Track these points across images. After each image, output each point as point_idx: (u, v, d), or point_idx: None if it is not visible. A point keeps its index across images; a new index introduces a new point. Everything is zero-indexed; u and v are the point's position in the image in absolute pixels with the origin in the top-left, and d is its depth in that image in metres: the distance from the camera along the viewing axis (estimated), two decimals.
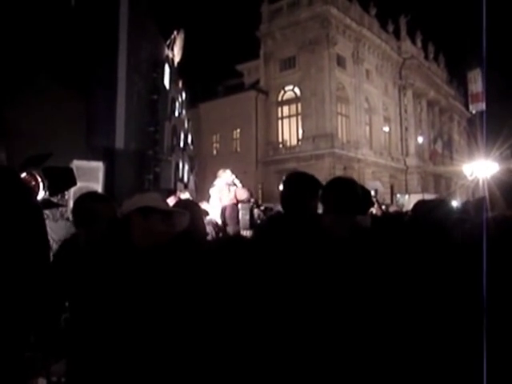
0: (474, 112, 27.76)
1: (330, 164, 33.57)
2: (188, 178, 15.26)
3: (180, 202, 3.07)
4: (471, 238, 2.22)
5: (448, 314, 2.09)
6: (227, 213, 4.14)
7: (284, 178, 2.71)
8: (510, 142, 22.72)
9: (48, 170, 3.38)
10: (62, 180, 3.63)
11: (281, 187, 2.66)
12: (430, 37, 49.36)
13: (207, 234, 2.87)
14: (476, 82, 24.52)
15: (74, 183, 3.82)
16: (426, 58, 48.63)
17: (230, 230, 4.42)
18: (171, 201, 4.16)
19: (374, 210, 4.72)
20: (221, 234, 5.07)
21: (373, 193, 5.36)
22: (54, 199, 4.39)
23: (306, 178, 2.63)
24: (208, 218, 4.66)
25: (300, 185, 2.58)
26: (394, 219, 3.20)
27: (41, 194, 3.34)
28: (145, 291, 1.94)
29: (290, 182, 2.64)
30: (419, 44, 47.11)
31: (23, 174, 3.42)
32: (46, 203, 3.67)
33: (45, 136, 6.77)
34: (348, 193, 2.34)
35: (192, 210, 2.61)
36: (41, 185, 3.31)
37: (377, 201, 5.58)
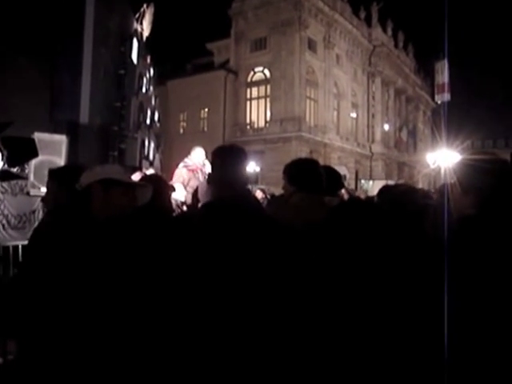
0: (439, 102, 28.28)
1: (296, 147, 33.74)
2: (154, 156, 15.11)
3: (145, 176, 3.05)
4: (435, 228, 2.26)
5: (407, 309, 2.10)
6: (200, 190, 4.10)
7: (216, 150, 2.35)
8: (472, 132, 23.36)
9: (8, 140, 3.26)
10: (22, 151, 3.50)
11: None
12: (400, 25, 49.96)
13: (173, 210, 2.84)
14: (442, 73, 24.96)
15: (36, 155, 3.70)
16: (396, 46, 49.17)
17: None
18: (137, 176, 4.13)
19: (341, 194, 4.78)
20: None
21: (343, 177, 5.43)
22: (14, 171, 4.27)
23: (243, 153, 2.33)
24: (173, 195, 4.61)
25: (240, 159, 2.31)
26: (362, 203, 3.25)
27: None
28: (103, 264, 1.92)
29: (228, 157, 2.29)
30: (390, 32, 47.57)
31: None
32: (5, 175, 3.54)
33: (5, 106, 6.59)
34: (310, 171, 2.37)
35: (157, 184, 2.61)
36: None
37: (346, 187, 5.68)
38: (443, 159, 21.73)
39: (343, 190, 5.39)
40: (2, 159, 3.17)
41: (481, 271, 1.71)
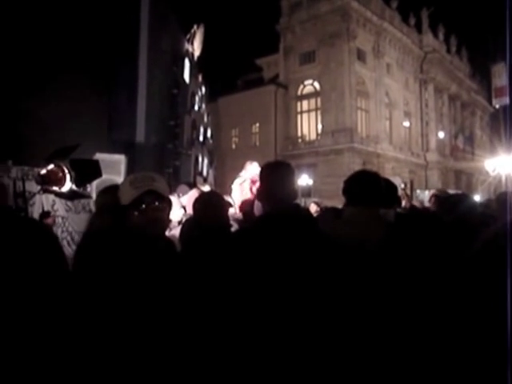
0: (497, 106, 27.29)
1: (349, 159, 33.40)
2: (207, 172, 15.39)
3: (204, 194, 3.08)
4: (495, 244, 2.15)
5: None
6: (256, 205, 4.09)
7: (264, 167, 2.35)
8: None
9: (75, 162, 3.48)
10: (88, 172, 3.72)
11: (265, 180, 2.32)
12: (452, 30, 48.72)
13: (230, 225, 2.86)
14: (500, 76, 24.10)
15: (100, 175, 3.91)
16: (449, 51, 47.88)
17: None
18: (193, 193, 4.22)
19: (403, 203, 4.65)
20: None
21: (402, 186, 5.33)
22: (80, 191, 4.49)
23: (289, 168, 2.33)
24: (231, 211, 4.65)
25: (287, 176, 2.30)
26: (420, 215, 3.14)
27: (67, 186, 3.42)
28: (145, 280, 1.89)
29: (275, 173, 2.29)
30: (441, 37, 46.40)
31: (50, 166, 3.53)
32: (73, 194, 3.75)
33: (69, 129, 6.92)
34: (370, 185, 2.34)
35: (216, 201, 2.65)
36: (67, 176, 3.39)
37: (406, 194, 5.53)
38: (503, 166, 20.86)
39: (403, 198, 5.27)
40: (71, 180, 3.36)
41: None
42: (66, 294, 1.89)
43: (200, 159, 14.47)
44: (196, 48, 15.54)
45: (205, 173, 14.98)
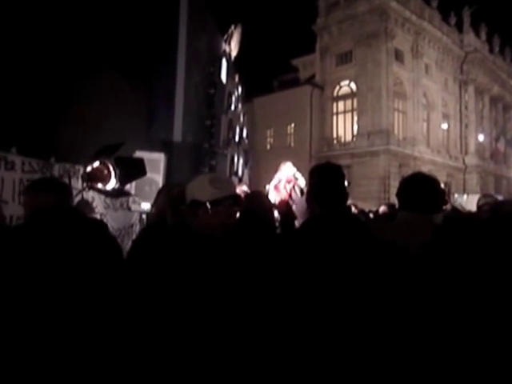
0: None
1: (385, 161, 32.98)
2: (242, 172, 15.39)
3: (249, 194, 3.07)
4: None
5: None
6: (298, 205, 4.07)
7: (313, 169, 2.38)
8: None
9: (120, 160, 3.52)
10: (132, 170, 3.76)
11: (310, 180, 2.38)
12: (495, 29, 47.61)
13: (276, 226, 2.86)
14: None
15: (144, 173, 3.96)
16: (491, 51, 46.52)
17: (300, 223, 4.28)
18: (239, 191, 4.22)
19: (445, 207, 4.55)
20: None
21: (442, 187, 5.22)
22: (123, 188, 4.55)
23: (340, 171, 2.34)
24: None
25: (338, 178, 2.31)
26: (469, 219, 3.05)
27: (112, 183, 3.46)
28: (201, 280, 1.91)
29: (326, 175, 2.31)
30: (483, 37, 45.14)
31: (96, 163, 3.59)
32: (117, 192, 3.80)
33: (108, 128, 7.04)
34: (427, 191, 2.27)
35: (262, 201, 2.65)
36: (112, 174, 3.44)
37: (448, 197, 5.43)
38: None
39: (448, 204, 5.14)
40: (115, 177, 3.41)
41: None
42: (124, 290, 1.94)
43: (236, 159, 14.48)
44: (233, 48, 15.58)
45: (240, 172, 14.98)
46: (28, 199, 2.37)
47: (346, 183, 2.31)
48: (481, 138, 42.49)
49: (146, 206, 6.67)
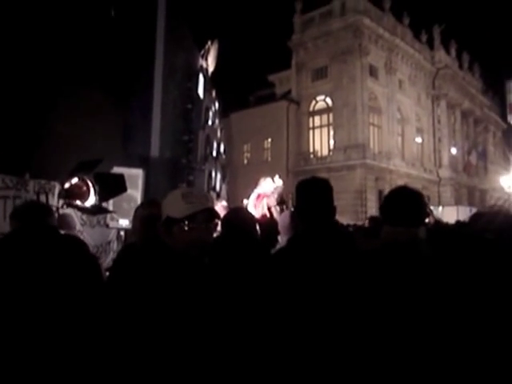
0: (511, 123, 27.07)
1: (361, 175, 33.33)
2: (220, 187, 15.34)
3: (232, 209, 3.00)
4: None
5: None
6: (281, 220, 3.99)
7: (299, 184, 2.34)
8: None
9: (100, 176, 3.41)
10: (113, 186, 3.65)
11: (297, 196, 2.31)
12: (464, 46, 48.70)
13: (260, 241, 2.79)
14: None
15: (125, 189, 3.84)
16: (461, 67, 47.83)
17: (284, 240, 4.17)
18: (218, 209, 4.14)
19: (427, 220, 4.55)
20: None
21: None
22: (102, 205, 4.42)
23: (327, 185, 2.31)
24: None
25: (325, 192, 2.27)
26: (451, 231, 3.05)
27: (91, 200, 3.33)
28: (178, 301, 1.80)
29: (313, 190, 2.28)
30: (453, 53, 46.42)
31: (75, 179, 3.47)
32: (96, 209, 3.68)
33: (84, 143, 6.93)
34: (412, 206, 2.24)
35: (245, 216, 2.59)
36: (91, 190, 3.32)
37: (430, 210, 5.45)
38: None
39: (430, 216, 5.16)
40: (95, 194, 3.30)
41: None
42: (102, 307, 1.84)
43: (213, 174, 14.43)
44: (210, 63, 15.61)
45: (218, 188, 14.93)
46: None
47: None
48: (453, 151, 43.36)
49: (124, 222, 6.54)
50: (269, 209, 6.55)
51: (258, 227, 2.89)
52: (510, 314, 1.98)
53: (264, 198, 6.70)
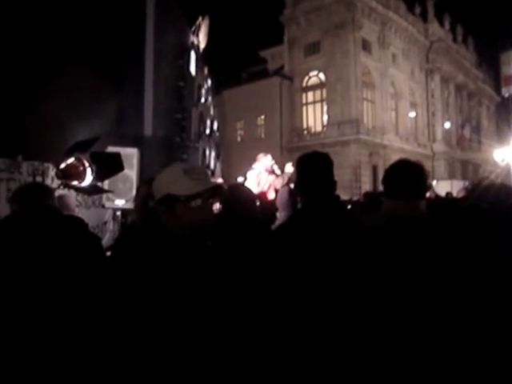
0: (506, 95, 27.01)
1: (355, 150, 33.35)
2: (215, 165, 15.32)
3: (230, 186, 2.92)
4: None
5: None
6: (279, 196, 4.00)
7: (300, 158, 2.30)
8: None
9: (96, 155, 3.36)
10: (109, 165, 3.60)
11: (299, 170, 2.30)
12: (458, 19, 48.29)
13: (259, 219, 2.76)
14: (509, 64, 23.81)
15: (122, 169, 3.78)
16: (455, 40, 47.52)
17: (282, 216, 4.16)
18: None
19: (428, 194, 4.56)
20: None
21: None
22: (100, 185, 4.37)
23: (328, 159, 2.28)
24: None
25: (326, 167, 2.24)
26: (450, 204, 3.05)
27: (88, 180, 3.26)
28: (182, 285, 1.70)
29: (313, 164, 2.25)
30: (447, 26, 46.06)
31: (71, 159, 3.43)
32: (93, 189, 3.63)
33: (77, 124, 6.88)
34: (413, 179, 2.24)
35: (245, 193, 2.58)
36: (88, 170, 3.27)
37: (430, 184, 5.47)
38: None
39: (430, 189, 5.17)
40: (92, 174, 3.23)
41: None
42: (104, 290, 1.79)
43: (207, 152, 14.39)
44: (201, 40, 15.43)
45: (212, 166, 14.90)
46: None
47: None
48: (447, 125, 43.29)
49: (120, 202, 6.54)
50: (276, 190, 6.57)
51: (258, 204, 2.90)
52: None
53: (271, 175, 6.70)
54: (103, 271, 1.91)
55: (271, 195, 6.31)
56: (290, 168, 6.55)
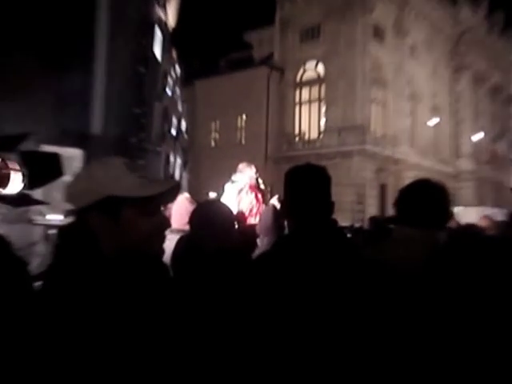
0: None
1: (358, 164, 33.47)
2: (180, 175, 15.33)
3: (202, 204, 2.88)
4: None
5: None
6: (262, 218, 3.96)
7: (290, 172, 2.28)
8: None
9: (28, 156, 3.28)
10: (43, 169, 3.50)
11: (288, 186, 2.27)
12: (497, 3, 48.44)
13: (238, 243, 2.76)
14: None
15: (61, 174, 3.67)
16: (491, 30, 47.79)
17: (265, 242, 4.13)
18: (182, 202, 4.12)
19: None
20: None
21: None
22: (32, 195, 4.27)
23: (325, 174, 2.25)
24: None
25: (322, 183, 2.24)
26: (479, 238, 3.08)
27: (15, 187, 3.07)
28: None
29: (305, 180, 2.22)
30: (483, 12, 46.19)
31: None
32: (23, 200, 3.50)
33: (7, 115, 6.85)
34: (434, 204, 2.28)
35: (223, 215, 2.58)
36: (15, 174, 3.13)
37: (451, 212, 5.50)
38: None
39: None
40: (23, 180, 3.05)
41: None
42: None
43: (172, 159, 14.40)
44: (170, 16, 15.53)
45: (177, 175, 14.91)
46: None
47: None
48: (477, 137, 43.74)
49: (54, 217, 6.49)
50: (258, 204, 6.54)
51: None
52: None
53: (252, 193, 6.63)
54: (26, 307, 1.75)
55: (251, 221, 6.26)
56: (276, 201, 6.43)
